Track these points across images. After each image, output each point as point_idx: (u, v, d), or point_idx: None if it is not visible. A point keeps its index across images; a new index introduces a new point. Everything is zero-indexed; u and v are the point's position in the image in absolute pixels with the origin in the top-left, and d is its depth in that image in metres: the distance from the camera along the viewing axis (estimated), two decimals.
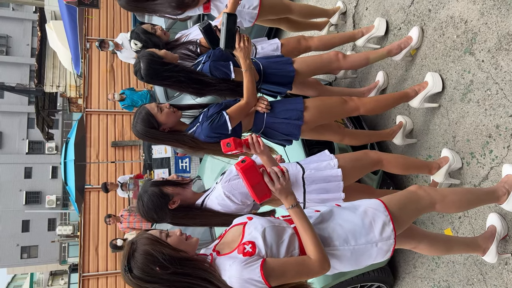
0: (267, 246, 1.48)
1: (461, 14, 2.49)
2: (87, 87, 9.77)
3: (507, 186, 2.10)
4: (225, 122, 2.19)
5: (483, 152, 2.36)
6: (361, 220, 1.66)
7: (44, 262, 23.86)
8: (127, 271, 1.40)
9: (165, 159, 7.41)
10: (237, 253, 1.47)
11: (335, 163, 2.13)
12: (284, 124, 2.37)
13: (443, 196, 1.92)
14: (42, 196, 24.24)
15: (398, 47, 2.81)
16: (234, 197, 1.95)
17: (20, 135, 24.85)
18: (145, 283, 1.39)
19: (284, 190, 1.52)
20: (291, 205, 1.53)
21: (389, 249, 1.66)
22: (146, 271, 1.38)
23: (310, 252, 1.50)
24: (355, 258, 1.63)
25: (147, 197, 1.92)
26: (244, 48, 2.10)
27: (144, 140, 2.25)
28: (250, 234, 1.53)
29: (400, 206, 1.76)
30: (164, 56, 2.35)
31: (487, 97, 2.32)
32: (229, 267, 1.43)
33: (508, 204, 2.10)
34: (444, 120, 2.64)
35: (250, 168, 1.49)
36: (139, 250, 1.40)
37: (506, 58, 2.20)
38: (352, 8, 3.66)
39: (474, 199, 2.06)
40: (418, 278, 2.93)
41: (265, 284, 1.40)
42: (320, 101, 2.48)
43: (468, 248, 2.20)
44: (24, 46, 25.36)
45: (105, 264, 9.04)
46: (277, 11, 3.14)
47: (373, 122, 3.44)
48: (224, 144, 1.66)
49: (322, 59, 2.68)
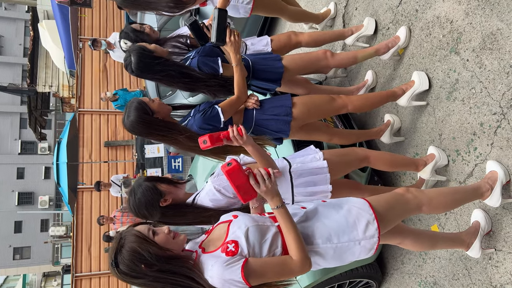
0: (249, 245, 1.51)
1: (447, 14, 2.54)
2: (79, 86, 9.75)
3: (491, 182, 2.15)
4: (217, 113, 2.20)
5: (468, 150, 2.41)
6: (344, 219, 1.67)
7: (37, 263, 23.72)
8: (113, 265, 1.44)
9: (158, 159, 7.41)
10: (220, 252, 1.50)
11: (321, 155, 2.15)
12: (274, 121, 2.39)
13: (430, 198, 1.94)
14: (35, 196, 24.11)
15: (386, 46, 2.85)
16: (225, 190, 1.96)
17: (13, 135, 24.70)
18: (131, 278, 1.44)
19: (270, 192, 1.53)
20: (276, 206, 1.54)
21: (372, 247, 1.68)
22: (132, 268, 1.42)
23: (292, 252, 1.52)
24: (338, 255, 1.66)
25: (141, 190, 1.92)
26: (234, 43, 2.13)
27: (136, 132, 2.18)
28: (234, 233, 1.55)
29: (386, 207, 1.78)
30: (154, 50, 2.36)
31: (472, 96, 2.37)
32: (211, 267, 1.46)
33: (491, 200, 2.15)
34: (431, 118, 2.69)
35: (235, 170, 1.51)
36: (126, 247, 1.43)
37: (490, 57, 2.25)
38: (342, 8, 3.71)
39: (459, 198, 2.10)
40: (405, 274, 2.97)
41: (245, 284, 1.43)
42: (308, 98, 2.52)
43: (452, 244, 2.24)
44: (17, 45, 25.21)
45: (98, 264, 9.03)
46: (270, 10, 3.20)
47: (362, 121, 3.48)
48: (201, 141, 1.68)
49: (311, 57, 2.71)
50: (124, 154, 9.71)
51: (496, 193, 2.13)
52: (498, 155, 2.22)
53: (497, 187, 2.12)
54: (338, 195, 2.11)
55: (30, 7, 14.00)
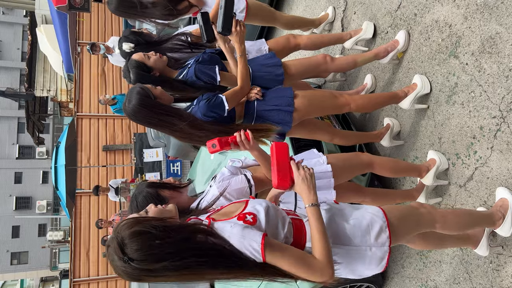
0: (268, 222, 1.42)
1: (446, 18, 2.55)
2: (78, 91, 9.74)
3: (503, 210, 2.13)
4: (221, 101, 2.16)
5: (468, 153, 2.41)
6: (358, 222, 1.63)
7: (35, 268, 23.60)
8: (127, 261, 1.24)
9: (157, 163, 7.41)
10: (237, 220, 1.40)
11: (324, 159, 2.15)
12: (275, 112, 2.35)
13: (444, 216, 1.92)
14: (33, 201, 24.02)
15: (385, 50, 2.86)
16: (230, 195, 1.92)
17: (10, 140, 24.63)
18: (152, 263, 1.24)
19: (308, 185, 1.46)
20: (311, 203, 1.45)
21: (383, 256, 1.61)
22: (147, 251, 1.24)
23: (317, 253, 1.39)
24: (348, 259, 1.60)
25: (142, 198, 1.88)
26: (240, 32, 2.15)
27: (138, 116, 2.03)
28: (253, 207, 1.47)
29: (400, 217, 1.73)
30: (154, 65, 2.38)
31: (471, 99, 2.37)
32: (230, 228, 1.34)
33: (503, 229, 2.12)
34: (430, 122, 2.69)
35: (284, 148, 1.47)
36: (127, 236, 1.25)
37: (489, 61, 2.26)
38: (341, 12, 3.72)
39: (472, 221, 2.08)
40: (406, 278, 2.97)
41: (261, 256, 1.31)
42: (310, 92, 2.52)
43: (460, 242, 2.23)
44: (15, 50, 25.20)
45: (96, 269, 8.99)
46: (262, 19, 3.21)
47: (361, 124, 3.48)
48: (210, 145, 1.66)
49: (310, 62, 2.72)
50: (122, 158, 9.69)
51: (508, 221, 2.11)
52: (498, 159, 2.22)
53: (508, 216, 2.11)
54: (340, 197, 2.10)
55: (28, 12, 14.01)
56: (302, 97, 2.42)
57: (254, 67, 2.53)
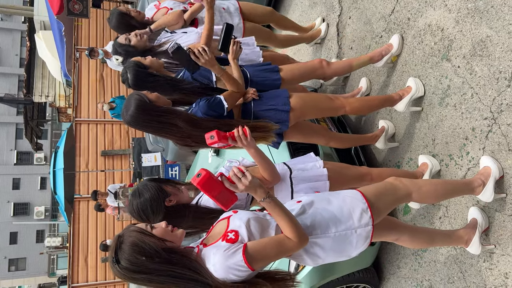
0: (250, 234, 1.53)
1: (438, 22, 2.60)
2: (76, 96, 9.77)
3: (483, 178, 2.18)
4: (220, 101, 2.22)
5: (461, 154, 2.45)
6: (340, 209, 1.75)
7: (33, 275, 23.50)
8: (114, 262, 1.43)
9: (155, 167, 7.43)
10: (221, 241, 1.52)
11: (321, 164, 2.20)
12: (272, 111, 2.39)
13: (419, 186, 2.02)
14: (31, 207, 23.97)
15: (379, 54, 2.91)
16: None
17: (8, 146, 24.61)
18: (132, 273, 1.42)
19: (251, 187, 1.51)
20: (262, 198, 1.53)
21: (368, 235, 1.75)
22: (133, 262, 1.41)
23: (288, 233, 1.53)
24: (337, 245, 1.71)
25: (146, 189, 1.93)
26: (236, 51, 2.34)
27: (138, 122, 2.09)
28: (234, 224, 1.59)
29: (377, 195, 1.86)
30: (150, 65, 2.42)
31: (463, 101, 2.42)
32: (213, 255, 1.47)
33: (484, 195, 2.18)
34: (424, 124, 2.74)
35: (207, 180, 1.47)
36: (126, 242, 1.43)
37: (480, 63, 2.31)
38: (336, 17, 3.78)
39: (450, 189, 2.15)
40: (402, 278, 3.00)
41: (248, 268, 1.45)
42: (305, 93, 2.57)
43: (450, 240, 2.26)
44: (13, 56, 25.25)
45: (95, 274, 8.96)
46: (259, 37, 3.31)
47: (356, 127, 3.53)
48: (208, 137, 1.68)
49: (307, 66, 2.77)
50: (121, 163, 9.70)
51: (489, 188, 2.16)
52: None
53: (490, 182, 2.16)
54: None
55: (27, 18, 14.05)
56: (298, 97, 2.47)
57: (251, 72, 2.58)
